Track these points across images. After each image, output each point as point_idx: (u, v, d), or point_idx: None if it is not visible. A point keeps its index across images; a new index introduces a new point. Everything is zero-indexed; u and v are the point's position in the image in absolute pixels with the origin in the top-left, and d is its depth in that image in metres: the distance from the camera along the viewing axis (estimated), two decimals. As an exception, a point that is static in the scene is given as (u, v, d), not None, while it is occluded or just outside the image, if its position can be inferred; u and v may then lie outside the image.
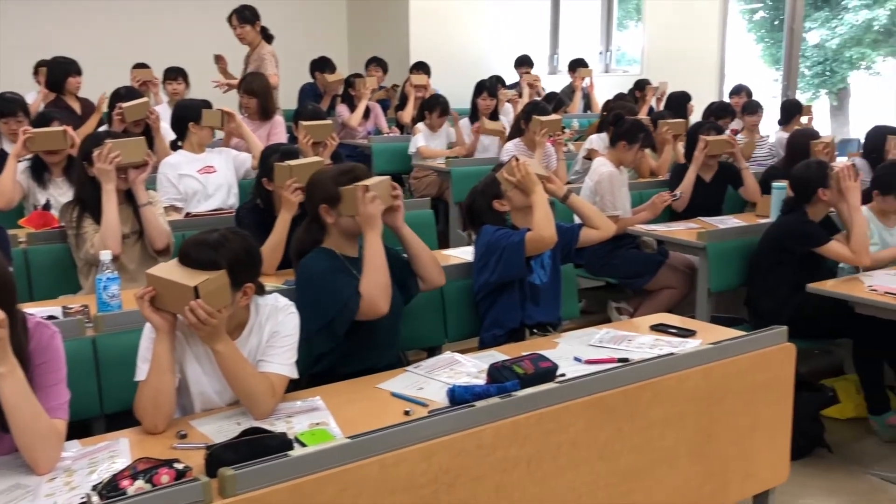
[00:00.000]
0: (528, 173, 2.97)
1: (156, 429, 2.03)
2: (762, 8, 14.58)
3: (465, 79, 7.11)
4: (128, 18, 8.48)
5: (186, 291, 2.02)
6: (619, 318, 4.41)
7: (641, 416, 2.25)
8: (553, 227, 2.93)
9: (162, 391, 2.04)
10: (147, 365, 2.07)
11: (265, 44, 5.85)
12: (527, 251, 2.93)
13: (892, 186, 3.78)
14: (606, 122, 5.57)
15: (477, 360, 2.52)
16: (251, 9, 5.88)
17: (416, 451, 1.86)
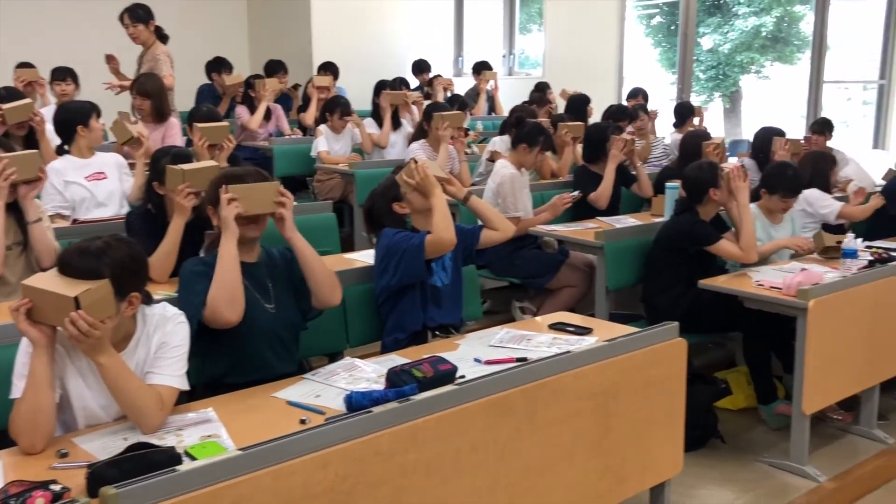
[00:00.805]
0: (426, 175, 2.95)
1: (33, 448, 1.92)
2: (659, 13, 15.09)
3: (370, 80, 7.07)
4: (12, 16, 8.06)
5: (66, 302, 1.92)
6: (522, 318, 4.47)
7: (540, 414, 2.27)
8: (452, 229, 2.93)
9: (40, 409, 1.93)
10: (23, 382, 1.96)
11: (160, 44, 5.65)
12: (427, 254, 2.91)
13: (778, 186, 3.96)
14: (508, 124, 5.64)
15: (376, 365, 2.50)
16: (144, 7, 5.67)
17: (312, 461, 1.82)
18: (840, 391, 3.45)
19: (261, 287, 2.57)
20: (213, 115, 4.64)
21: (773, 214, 4.03)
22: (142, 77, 5.24)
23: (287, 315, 2.62)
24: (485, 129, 7.33)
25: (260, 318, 2.52)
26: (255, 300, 2.53)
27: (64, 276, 1.99)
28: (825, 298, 3.20)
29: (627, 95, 7.68)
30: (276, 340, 2.57)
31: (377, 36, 9.30)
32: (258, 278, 2.57)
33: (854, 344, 3.40)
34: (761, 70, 15.34)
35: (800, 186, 4.07)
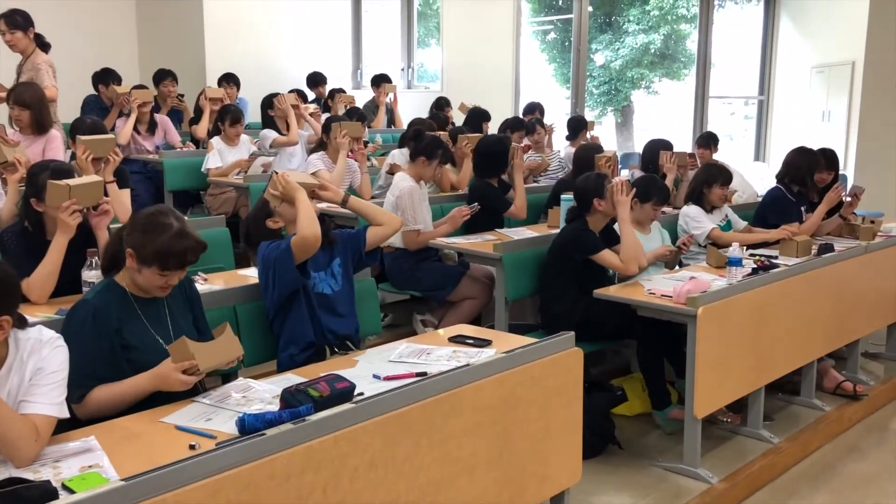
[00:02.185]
0: (287, 182, 2.94)
1: None
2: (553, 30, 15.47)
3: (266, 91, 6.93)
4: None
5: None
6: (424, 331, 4.45)
7: (439, 429, 2.25)
8: (314, 226, 2.85)
9: None
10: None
11: (40, 52, 5.36)
12: (296, 256, 2.86)
13: (650, 195, 4.10)
14: (407, 137, 5.65)
15: (271, 386, 2.42)
16: (23, 14, 5.37)
17: (201, 488, 1.74)
18: (729, 394, 3.58)
19: (161, 328, 2.49)
20: (98, 128, 4.43)
21: (643, 225, 4.16)
22: (20, 86, 4.95)
23: None
24: (384, 142, 7.30)
25: (154, 345, 2.43)
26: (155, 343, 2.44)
27: None
28: (713, 305, 3.32)
29: (524, 110, 7.81)
30: None
31: (273, 47, 9.13)
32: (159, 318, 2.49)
33: (741, 348, 3.54)
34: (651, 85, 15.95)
35: (668, 196, 4.27)
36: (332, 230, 3.15)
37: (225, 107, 6.11)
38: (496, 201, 4.95)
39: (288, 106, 6.14)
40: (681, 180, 5.60)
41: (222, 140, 5.90)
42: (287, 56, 9.27)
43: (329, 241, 3.05)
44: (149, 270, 2.36)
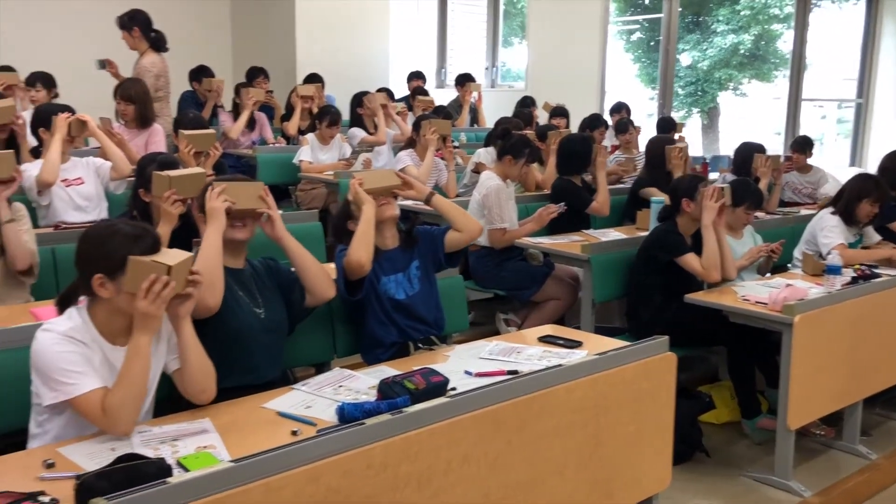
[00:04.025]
0: (356, 192, 2.89)
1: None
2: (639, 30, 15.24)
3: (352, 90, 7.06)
4: None
5: (161, 269, 2.02)
6: (506, 330, 4.47)
7: (531, 427, 2.26)
8: (362, 252, 2.78)
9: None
10: (82, 376, 2.00)
11: (150, 53, 5.62)
12: (347, 274, 2.83)
13: (740, 199, 4.00)
14: (493, 136, 5.67)
15: (367, 376, 2.47)
16: (130, 14, 5.65)
17: (303, 473, 1.79)
18: (824, 406, 3.47)
19: (248, 292, 2.59)
20: (200, 122, 4.61)
21: (735, 230, 4.06)
22: (126, 81, 5.20)
23: (274, 319, 2.65)
24: (468, 141, 7.34)
25: (250, 322, 2.56)
26: (245, 304, 2.57)
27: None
28: (810, 314, 3.22)
29: (611, 110, 7.74)
30: (264, 344, 2.58)
31: (361, 46, 9.29)
32: (245, 284, 2.59)
33: (838, 359, 3.43)
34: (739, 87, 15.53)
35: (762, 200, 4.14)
36: (416, 227, 3.10)
37: (325, 108, 6.24)
38: (578, 198, 4.90)
39: (377, 105, 6.24)
40: (774, 184, 5.45)
41: (316, 137, 6.04)
42: (375, 54, 9.41)
43: (411, 241, 3.04)
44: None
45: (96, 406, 1.99)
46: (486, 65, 10.21)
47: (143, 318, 2.04)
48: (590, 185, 5.18)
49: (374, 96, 6.33)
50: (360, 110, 6.38)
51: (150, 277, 2.02)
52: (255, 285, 2.63)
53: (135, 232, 2.10)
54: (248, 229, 2.59)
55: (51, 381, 2.01)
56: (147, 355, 2.06)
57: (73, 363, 2.01)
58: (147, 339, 2.06)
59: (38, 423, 2.13)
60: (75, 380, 2.00)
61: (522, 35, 10.79)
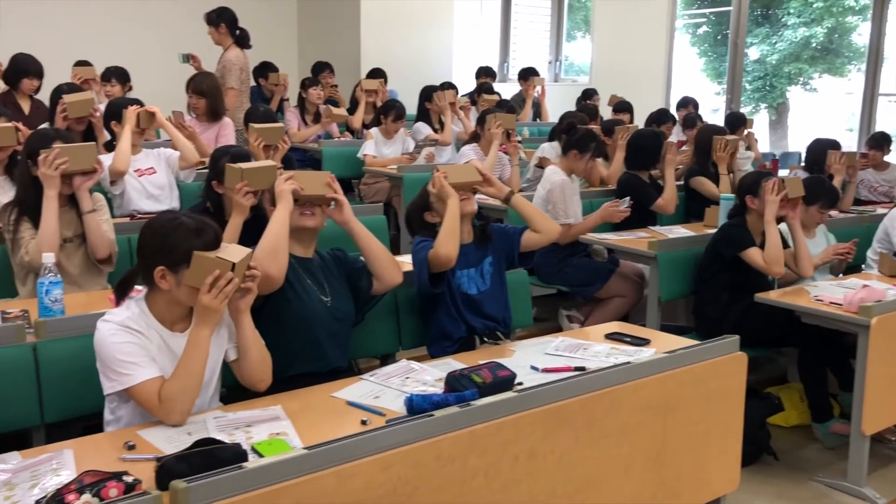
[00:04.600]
0: (442, 185, 2.90)
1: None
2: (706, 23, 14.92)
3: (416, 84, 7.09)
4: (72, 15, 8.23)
5: (226, 266, 2.07)
6: (569, 326, 4.44)
7: (598, 424, 2.25)
8: (451, 245, 2.81)
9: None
10: (137, 367, 2.06)
11: (234, 49, 5.79)
12: (431, 267, 2.86)
13: (814, 198, 3.89)
14: (558, 130, 5.62)
15: (433, 369, 2.49)
16: (217, 10, 5.86)
17: (374, 462, 1.82)
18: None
19: (316, 281, 2.64)
20: (270, 116, 4.70)
21: (808, 229, 3.95)
22: (198, 76, 5.33)
23: (342, 308, 2.69)
24: (530, 136, 7.31)
25: (317, 309, 2.61)
26: (313, 292, 2.62)
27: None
28: (888, 316, 3.12)
29: (677, 104, 7.60)
30: (331, 332, 2.63)
31: (425, 40, 9.33)
32: (314, 273, 2.64)
33: (916, 364, 3.31)
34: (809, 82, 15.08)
35: (836, 199, 4.01)
36: (490, 225, 3.12)
37: (391, 102, 6.28)
38: (644, 195, 4.82)
39: (446, 104, 6.25)
40: (849, 182, 5.29)
41: (381, 132, 6.09)
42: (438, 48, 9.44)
43: (485, 237, 3.05)
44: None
45: (152, 395, 2.05)
46: (549, 59, 10.14)
47: (204, 312, 2.08)
48: (657, 181, 5.11)
49: (444, 94, 6.33)
50: (428, 105, 6.40)
51: (214, 273, 2.06)
52: (322, 274, 2.68)
53: (197, 225, 2.14)
54: (317, 218, 2.65)
55: (109, 370, 2.08)
56: (206, 349, 2.11)
57: (129, 353, 2.07)
58: (208, 332, 2.10)
59: (110, 409, 2.22)
60: (131, 370, 2.06)
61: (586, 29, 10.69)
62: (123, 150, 3.99)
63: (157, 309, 2.17)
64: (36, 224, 2.99)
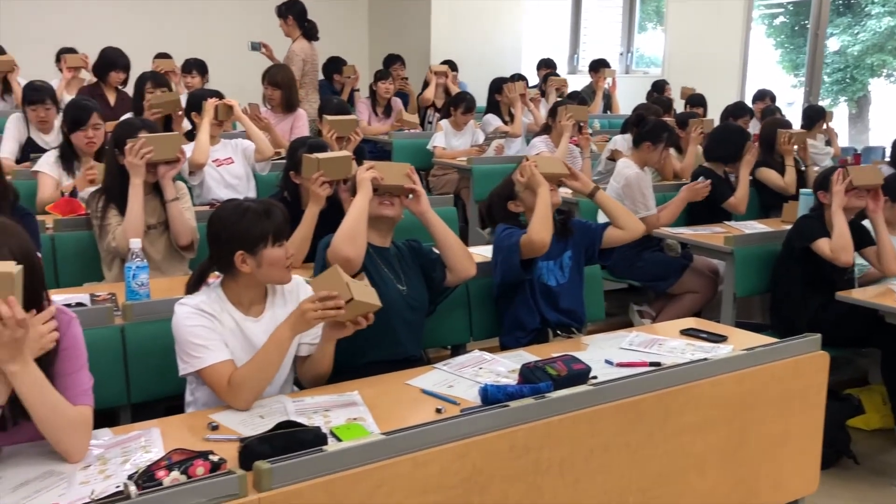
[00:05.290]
0: (533, 174, 2.92)
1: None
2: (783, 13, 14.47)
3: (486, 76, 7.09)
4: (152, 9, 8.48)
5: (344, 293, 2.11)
6: (640, 322, 4.38)
7: (673, 421, 2.22)
8: (546, 231, 2.83)
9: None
10: (208, 350, 2.12)
11: (301, 41, 5.93)
12: (522, 254, 2.87)
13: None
14: (630, 123, 5.55)
15: (507, 360, 2.50)
16: (288, 4, 5.99)
17: (450, 450, 1.83)
18: None
19: (393, 270, 2.68)
20: (344, 108, 4.76)
21: (893, 226, 3.80)
22: (273, 68, 5.44)
23: (416, 297, 2.73)
24: (601, 128, 7.23)
25: (393, 298, 2.64)
26: (389, 280, 2.66)
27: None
28: (980, 318, 3.00)
29: (754, 97, 7.40)
30: (406, 321, 2.67)
31: (494, 32, 9.30)
32: (390, 262, 2.68)
33: None
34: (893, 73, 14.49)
35: None
36: (571, 220, 3.12)
37: (461, 94, 6.32)
38: (717, 190, 4.70)
39: (516, 95, 6.23)
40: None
41: (451, 124, 6.11)
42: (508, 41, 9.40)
43: (566, 231, 3.04)
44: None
45: (222, 378, 2.11)
46: (620, 50, 9.99)
47: (298, 319, 2.13)
48: (729, 177, 4.98)
49: (514, 86, 6.31)
50: (498, 97, 6.40)
51: (332, 293, 2.10)
52: (399, 264, 2.72)
53: (264, 208, 2.23)
54: (395, 208, 2.68)
55: (183, 353, 2.16)
56: (286, 350, 2.17)
57: (201, 337, 2.14)
58: (292, 335, 2.16)
59: (189, 391, 2.30)
60: (202, 353, 2.13)
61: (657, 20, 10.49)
62: (202, 142, 4.10)
63: (232, 293, 2.25)
64: (122, 211, 3.10)
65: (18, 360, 1.68)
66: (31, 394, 1.71)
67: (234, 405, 2.11)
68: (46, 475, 1.73)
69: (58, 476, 1.73)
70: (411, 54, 8.20)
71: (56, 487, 1.68)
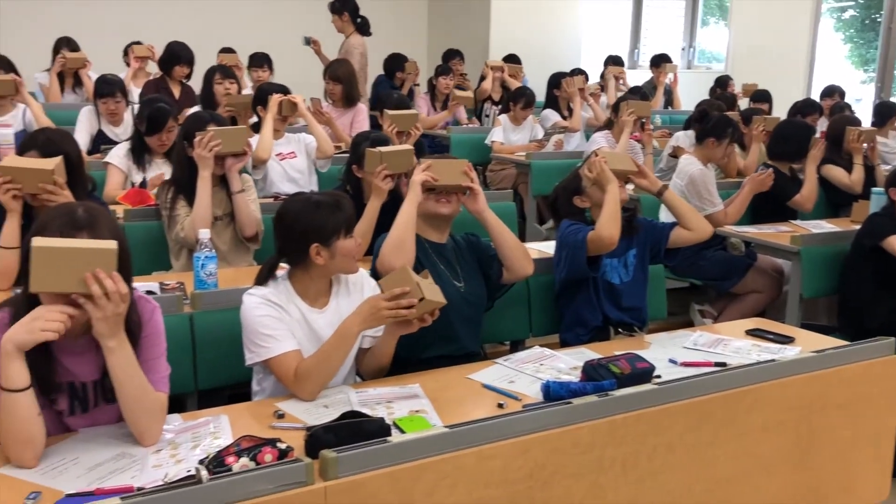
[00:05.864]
0: (602, 170, 2.89)
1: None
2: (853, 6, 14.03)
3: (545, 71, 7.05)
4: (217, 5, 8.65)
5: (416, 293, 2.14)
6: (701, 321, 4.31)
7: (740, 422, 2.18)
8: (614, 228, 2.80)
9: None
10: (275, 340, 2.16)
11: (357, 35, 5.98)
12: (588, 250, 2.84)
13: None
14: (693, 119, 5.46)
15: (568, 357, 2.48)
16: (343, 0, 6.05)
17: (513, 445, 1.83)
18: None
19: (450, 266, 2.67)
20: (404, 103, 4.79)
21: None
22: (334, 62, 5.50)
23: (474, 293, 2.72)
24: (662, 124, 7.11)
25: (450, 293, 2.59)
26: (446, 277, 2.65)
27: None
28: None
29: (822, 94, 7.20)
30: (464, 316, 2.66)
31: (553, 27, 9.24)
32: (447, 258, 2.67)
33: None
34: (969, 69, 13.94)
35: None
36: (637, 218, 3.08)
37: (521, 89, 6.31)
38: (782, 188, 4.59)
39: (575, 90, 6.19)
40: None
41: (509, 119, 6.09)
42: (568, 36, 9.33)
43: (631, 229, 3.00)
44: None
45: (288, 368, 2.14)
46: (682, 45, 9.82)
47: (371, 316, 2.15)
48: (797, 174, 4.86)
49: (573, 80, 6.26)
50: (557, 92, 6.36)
51: (405, 288, 2.12)
52: (456, 259, 2.72)
53: (334, 201, 2.28)
54: (452, 205, 2.67)
55: (250, 342, 2.20)
56: (352, 343, 2.20)
57: (269, 327, 2.17)
58: (360, 330, 2.19)
59: (257, 381, 2.34)
60: (269, 343, 2.16)
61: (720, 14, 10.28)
62: (266, 138, 4.16)
63: (299, 285, 2.28)
64: (190, 202, 3.17)
65: (118, 336, 1.75)
66: (124, 371, 1.77)
67: (299, 395, 2.14)
68: (120, 457, 1.78)
69: (130, 458, 1.78)
70: (470, 50, 8.20)
71: (129, 469, 1.73)
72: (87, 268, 1.67)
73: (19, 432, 1.70)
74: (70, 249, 1.68)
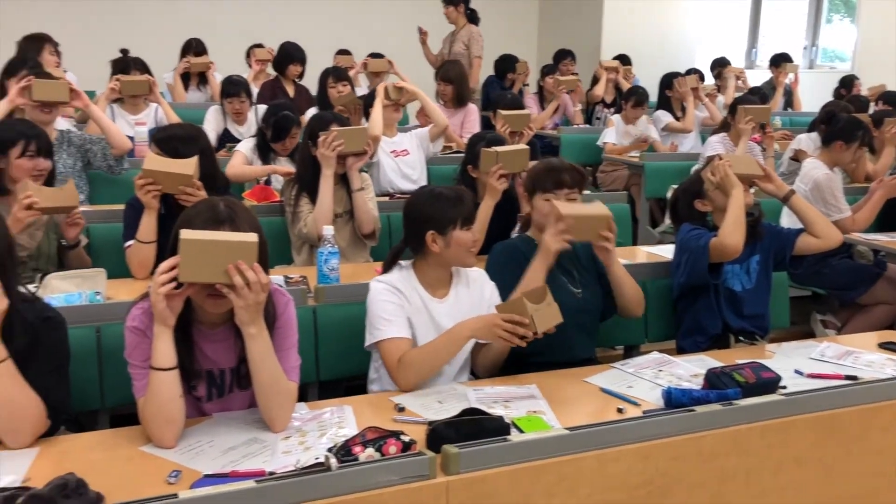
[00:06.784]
0: (726, 174, 2.81)
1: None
2: None
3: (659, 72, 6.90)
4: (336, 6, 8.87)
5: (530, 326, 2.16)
6: (823, 332, 4.13)
7: (873, 438, 2.09)
8: (738, 235, 2.72)
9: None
10: (390, 324, 2.24)
11: (471, 25, 6.11)
12: (711, 257, 2.76)
13: None
14: (818, 121, 5.22)
15: (688, 364, 2.43)
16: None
17: (634, 451, 1.82)
18: None
19: (567, 272, 2.64)
20: (517, 103, 4.80)
21: None
22: (446, 63, 5.57)
23: (591, 300, 2.69)
24: (781, 126, 6.84)
25: (566, 300, 2.57)
26: (563, 283, 2.62)
27: None
28: None
29: (960, 95, 6.74)
30: (579, 324, 2.62)
31: (666, 26, 9.04)
32: (563, 265, 2.64)
33: None
34: None
35: None
36: (761, 223, 2.97)
37: (632, 88, 6.21)
38: None
39: (688, 90, 6.04)
40: None
41: (622, 119, 6.00)
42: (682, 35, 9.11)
43: (755, 235, 2.91)
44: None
45: (394, 355, 2.20)
46: (804, 44, 9.42)
47: (485, 330, 2.19)
48: None
49: (685, 80, 6.12)
50: (669, 92, 6.22)
51: (524, 320, 2.12)
52: (574, 267, 2.68)
53: (454, 193, 2.37)
54: None
55: (370, 325, 2.29)
56: (460, 347, 2.25)
57: (388, 311, 2.26)
58: (471, 336, 2.24)
59: (374, 368, 2.41)
60: (383, 327, 2.24)
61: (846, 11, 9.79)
62: (375, 118, 4.26)
63: (421, 273, 2.37)
64: (313, 199, 3.28)
65: (258, 323, 1.84)
66: (262, 358, 1.87)
67: (397, 382, 2.21)
68: (251, 442, 1.87)
69: (261, 444, 1.86)
70: (581, 49, 8.11)
71: (261, 454, 1.81)
72: (231, 259, 1.76)
73: (164, 412, 1.80)
74: (215, 242, 1.77)
